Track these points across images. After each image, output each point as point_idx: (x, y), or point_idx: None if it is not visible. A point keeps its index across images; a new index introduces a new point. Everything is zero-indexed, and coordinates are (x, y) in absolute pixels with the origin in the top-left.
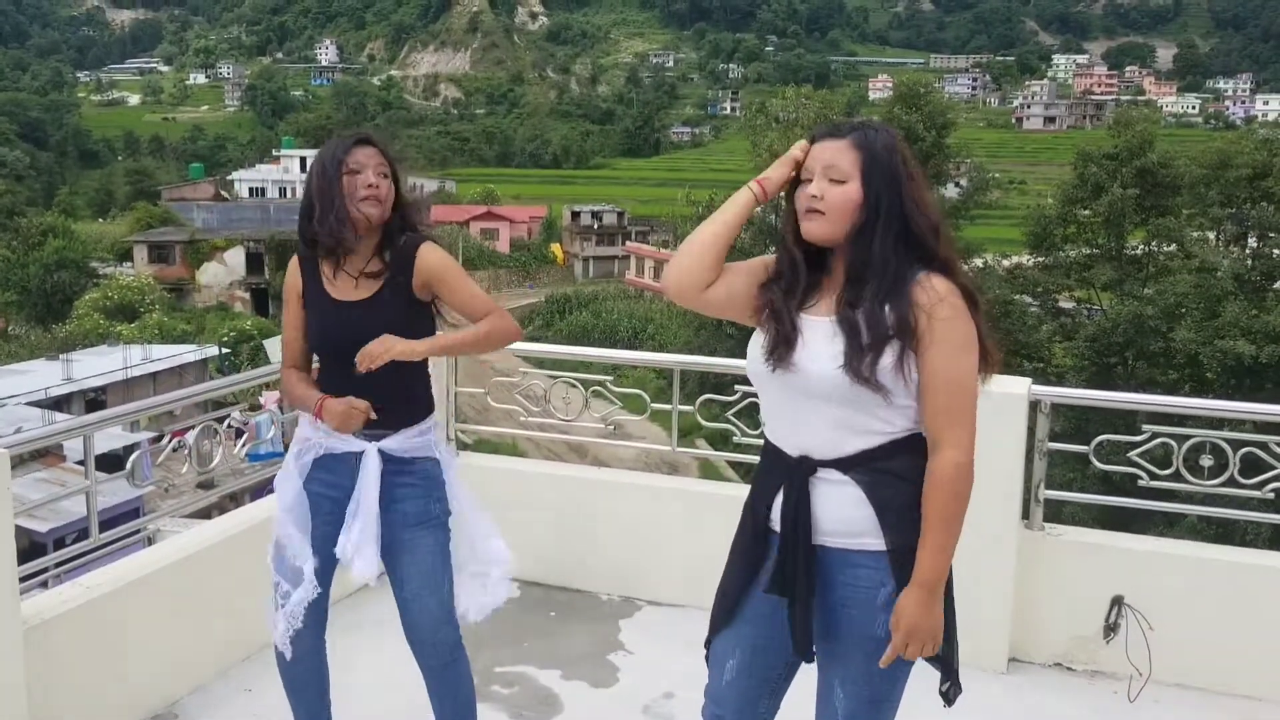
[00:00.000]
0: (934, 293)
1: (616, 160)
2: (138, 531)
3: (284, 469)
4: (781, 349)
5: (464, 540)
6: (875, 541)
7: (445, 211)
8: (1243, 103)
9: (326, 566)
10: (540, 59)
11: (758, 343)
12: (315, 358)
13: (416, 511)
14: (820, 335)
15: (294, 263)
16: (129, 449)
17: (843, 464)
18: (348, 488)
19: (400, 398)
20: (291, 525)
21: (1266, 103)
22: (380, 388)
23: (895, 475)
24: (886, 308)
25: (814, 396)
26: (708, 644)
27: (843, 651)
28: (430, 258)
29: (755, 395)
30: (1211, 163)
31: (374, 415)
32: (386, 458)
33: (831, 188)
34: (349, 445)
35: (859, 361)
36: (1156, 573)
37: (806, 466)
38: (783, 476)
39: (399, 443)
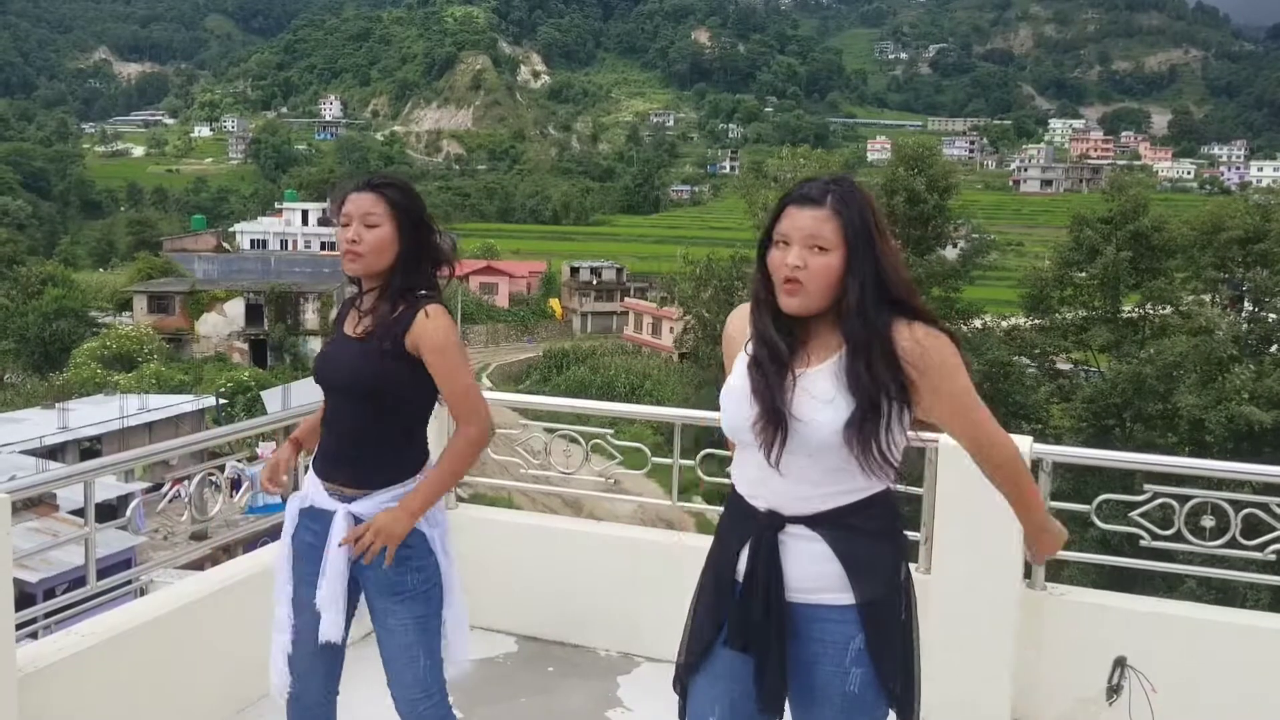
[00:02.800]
0: (912, 339)
1: (616, 217)
2: (130, 582)
3: (287, 514)
4: (773, 429)
5: (449, 604)
6: (844, 596)
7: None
8: (1237, 168)
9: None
10: (542, 117)
11: (740, 402)
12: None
13: (389, 581)
14: (813, 396)
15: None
16: (123, 499)
17: (811, 520)
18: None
19: (378, 455)
20: (280, 570)
21: (1261, 169)
22: (357, 440)
23: (862, 530)
24: (883, 370)
25: (801, 454)
26: (676, 684)
27: (815, 706)
28: (424, 332)
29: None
30: (1204, 227)
31: (280, 479)
32: (357, 521)
33: (814, 257)
34: (326, 503)
35: (862, 429)
36: (1160, 634)
37: (775, 522)
38: (750, 531)
39: (369, 507)
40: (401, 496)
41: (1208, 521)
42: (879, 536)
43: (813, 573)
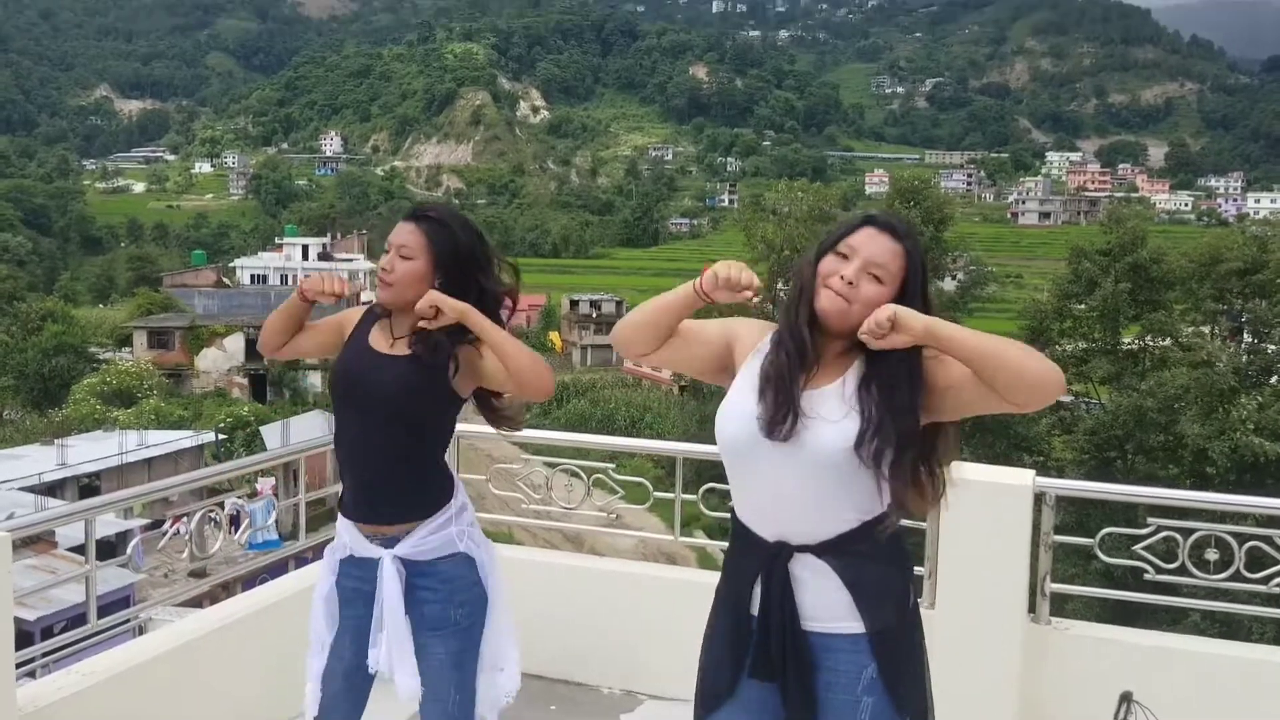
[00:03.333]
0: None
1: (615, 250)
2: (128, 620)
3: (323, 560)
4: (785, 422)
5: (489, 636)
6: (854, 624)
7: None
8: (1234, 200)
9: (361, 662)
10: (541, 151)
11: (744, 412)
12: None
13: (434, 616)
14: (826, 410)
15: (362, 308)
16: (122, 535)
17: (819, 549)
18: (376, 583)
19: (415, 481)
20: (322, 618)
21: (1258, 200)
22: (393, 466)
23: (869, 558)
24: (901, 390)
25: (807, 473)
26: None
27: None
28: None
29: None
30: (1202, 258)
31: (344, 291)
32: (406, 562)
33: (869, 284)
34: (369, 551)
35: (871, 443)
36: (1165, 668)
37: (784, 552)
38: (759, 563)
39: (414, 546)
40: (445, 524)
41: (1211, 554)
42: (886, 563)
43: (823, 602)
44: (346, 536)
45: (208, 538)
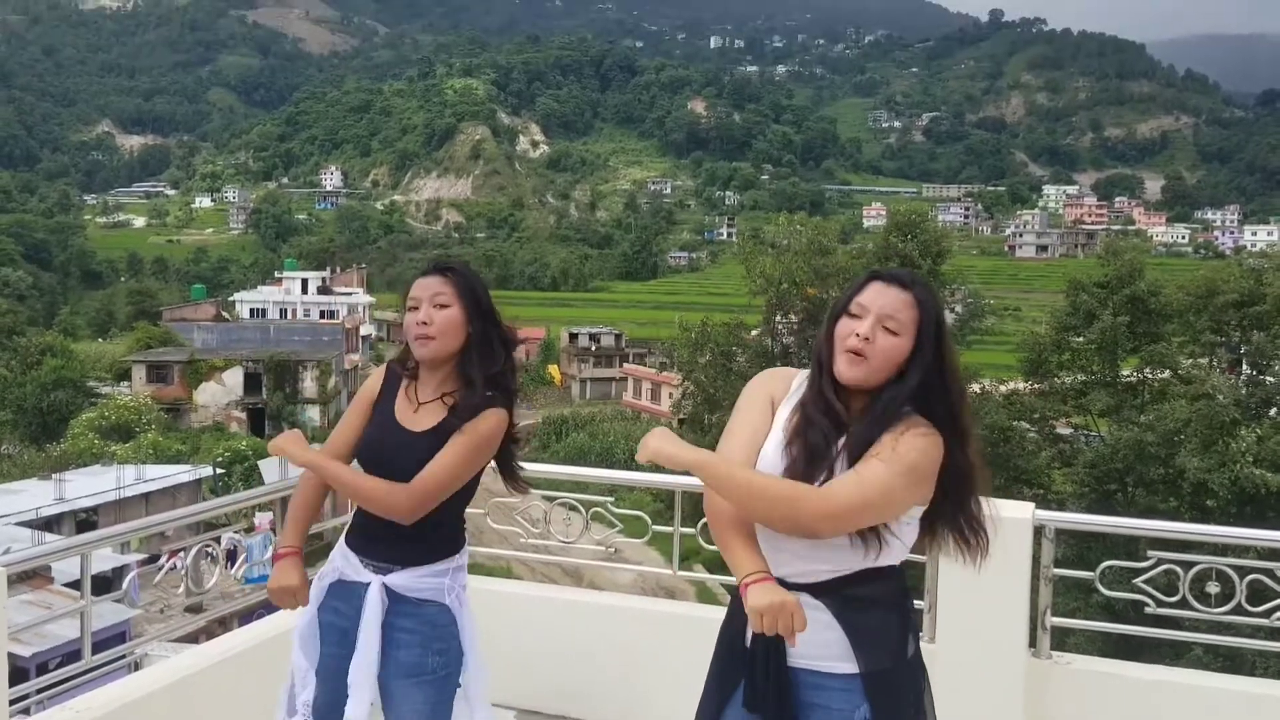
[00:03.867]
0: (897, 433)
1: (614, 283)
2: (124, 655)
3: (311, 586)
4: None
5: (464, 703)
6: (848, 665)
7: None
8: (1232, 233)
9: (340, 698)
10: (541, 185)
11: (770, 463)
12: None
13: (411, 662)
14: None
15: (381, 370)
16: (118, 570)
17: (816, 589)
18: (356, 617)
19: (425, 537)
20: (300, 651)
21: (1255, 233)
22: (397, 525)
23: (867, 600)
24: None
25: None
26: None
27: None
28: (481, 423)
29: None
30: (1199, 291)
31: (303, 599)
32: (392, 594)
33: (884, 336)
34: (359, 575)
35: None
36: (1168, 704)
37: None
38: None
39: (406, 580)
40: (441, 573)
41: (1213, 588)
42: (885, 607)
43: (815, 640)
44: (340, 561)
45: (203, 573)
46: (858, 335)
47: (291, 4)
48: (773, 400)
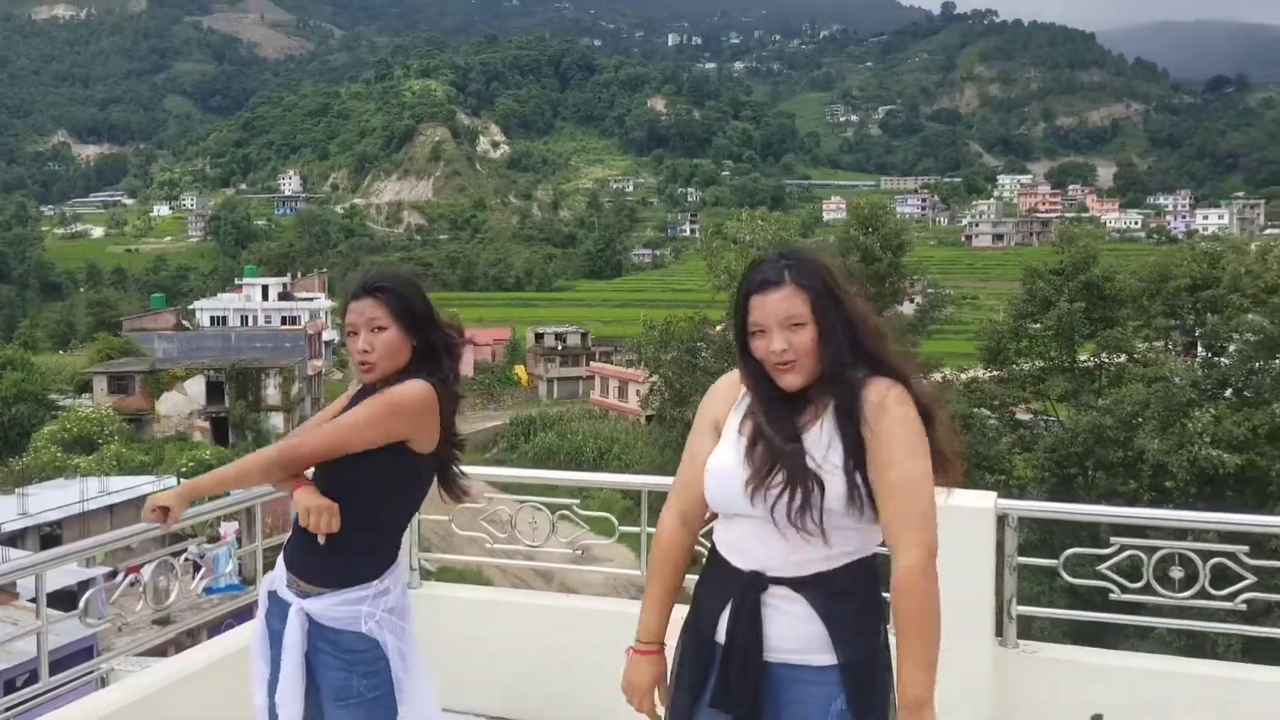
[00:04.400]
0: (875, 394)
1: (579, 282)
2: (90, 672)
3: (259, 592)
4: (796, 488)
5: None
6: (826, 657)
7: None
8: (1183, 217)
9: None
10: (502, 185)
11: (732, 475)
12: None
13: (337, 684)
14: (814, 458)
15: (354, 391)
16: (84, 584)
17: (796, 583)
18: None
19: (348, 549)
20: (258, 656)
21: (1206, 217)
22: (317, 535)
23: (845, 592)
24: (850, 425)
25: (809, 517)
26: None
27: None
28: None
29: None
30: (1152, 276)
31: (327, 529)
32: (310, 620)
33: (794, 335)
34: (285, 595)
35: (853, 480)
36: (1135, 689)
37: (759, 583)
38: (732, 591)
39: (323, 608)
40: (358, 600)
41: (1176, 572)
42: (861, 598)
43: (794, 634)
44: (278, 572)
45: (164, 587)
46: (774, 351)
47: (246, 9)
48: (715, 422)
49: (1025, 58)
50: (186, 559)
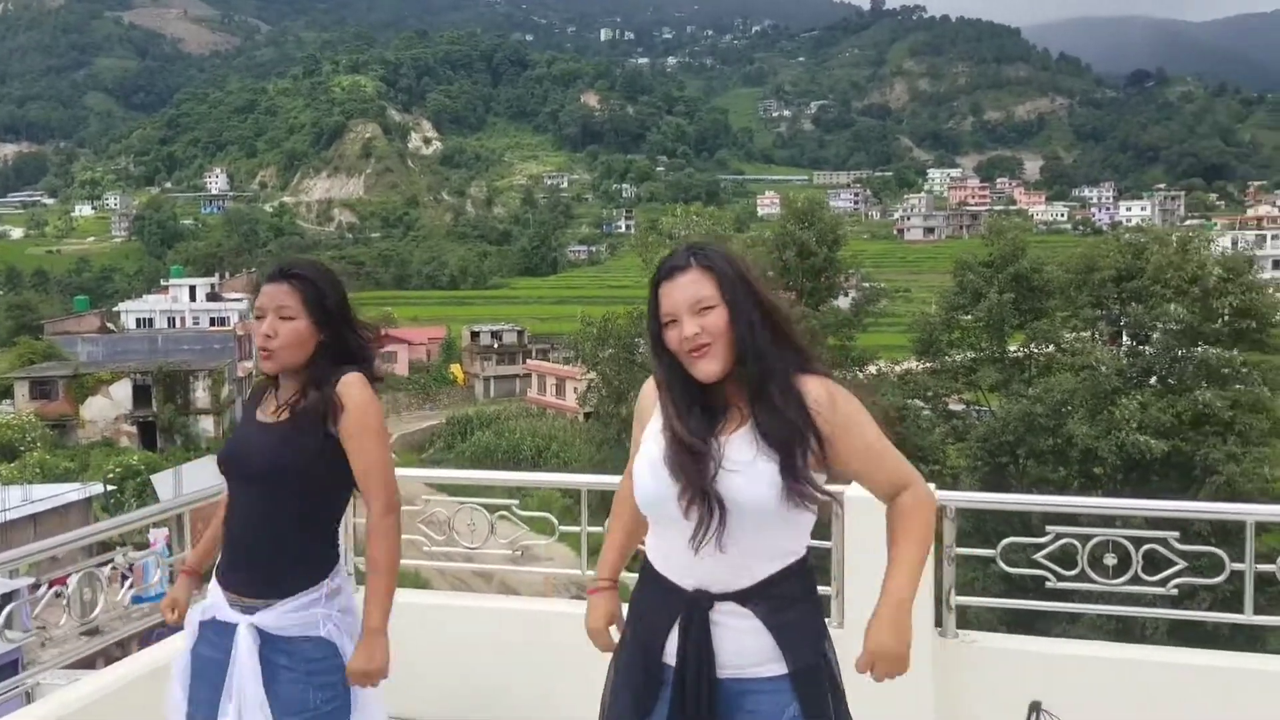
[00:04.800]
0: (821, 389)
1: (514, 280)
2: (15, 688)
3: (186, 621)
4: (704, 509)
5: None
6: (776, 666)
7: None
8: (1108, 209)
9: None
10: (435, 182)
11: (658, 475)
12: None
13: (292, 697)
14: (734, 462)
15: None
16: (7, 596)
17: (741, 595)
18: (231, 653)
19: (290, 554)
20: (177, 685)
21: (1129, 209)
22: (270, 537)
23: (787, 598)
24: (794, 415)
25: (731, 524)
26: None
27: None
28: (345, 393)
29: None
30: (1078, 267)
31: (181, 613)
32: (262, 633)
33: (705, 319)
34: (228, 615)
35: (796, 477)
36: (1070, 676)
37: (704, 601)
38: (677, 611)
39: (275, 618)
40: (311, 604)
41: (1110, 559)
42: (803, 599)
43: (745, 647)
44: (213, 598)
45: (89, 599)
46: (686, 337)
47: (169, 3)
48: (644, 423)
49: (953, 53)
50: (114, 568)
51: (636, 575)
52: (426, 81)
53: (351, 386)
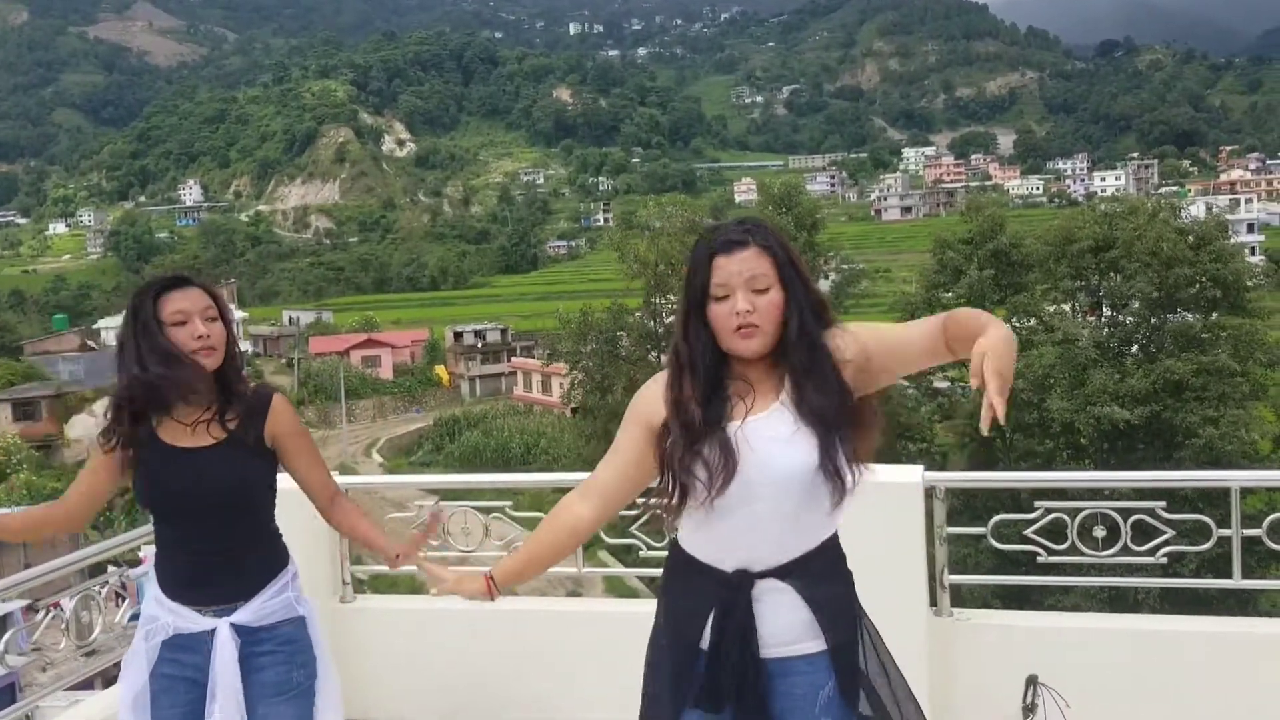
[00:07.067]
0: (838, 336)
1: (495, 278)
2: (15, 713)
3: (132, 650)
4: (725, 472)
5: (321, 703)
6: (815, 644)
7: (324, 343)
8: (1082, 180)
9: None
10: (411, 184)
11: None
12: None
13: (277, 681)
14: (774, 431)
15: (95, 446)
16: (2, 620)
17: (781, 571)
18: (205, 667)
19: (257, 559)
20: (131, 716)
21: (1103, 179)
22: (237, 554)
23: (822, 574)
24: (832, 386)
25: (767, 504)
26: None
27: None
28: (285, 414)
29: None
30: (1056, 240)
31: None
32: (242, 630)
33: (759, 298)
34: (198, 624)
35: (834, 454)
36: (1065, 649)
37: (745, 581)
38: (715, 595)
39: (254, 612)
40: (283, 588)
41: (1099, 532)
42: (837, 578)
43: (786, 624)
44: (168, 617)
45: (86, 621)
46: (739, 314)
47: (134, 16)
48: (650, 425)
49: (922, 31)
50: (109, 588)
51: (635, 574)
52: (397, 83)
53: (285, 405)
